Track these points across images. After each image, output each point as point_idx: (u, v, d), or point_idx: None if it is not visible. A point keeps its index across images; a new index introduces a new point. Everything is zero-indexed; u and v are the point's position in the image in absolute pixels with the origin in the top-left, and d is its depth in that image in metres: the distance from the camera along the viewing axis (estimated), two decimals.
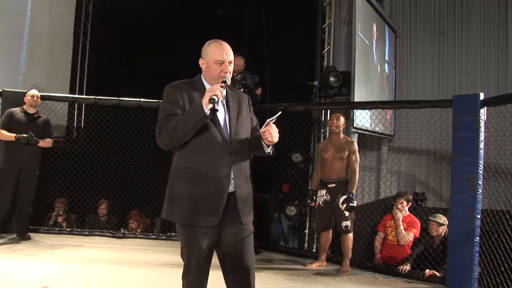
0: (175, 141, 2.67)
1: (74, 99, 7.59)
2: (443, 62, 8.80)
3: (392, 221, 6.09)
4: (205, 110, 2.56)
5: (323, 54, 7.50)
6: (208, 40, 2.80)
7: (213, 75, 2.74)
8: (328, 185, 5.43)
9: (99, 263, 5.22)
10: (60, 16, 8.33)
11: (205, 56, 2.77)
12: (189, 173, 2.69)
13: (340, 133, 5.49)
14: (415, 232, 5.88)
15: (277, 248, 6.44)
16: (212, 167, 2.67)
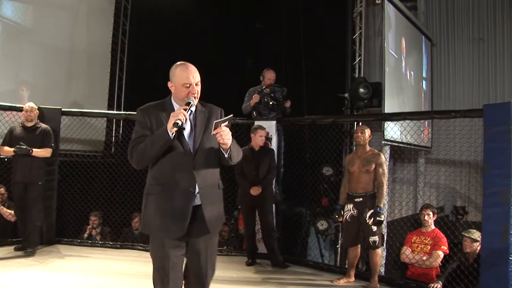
0: (145, 162, 2.91)
1: (126, 116, 7.44)
2: (483, 70, 8.48)
3: (417, 237, 5.88)
4: (169, 134, 2.78)
5: (354, 65, 7.37)
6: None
7: (181, 97, 2.93)
8: (355, 200, 5.28)
9: (124, 275, 5.26)
10: (98, 34, 8.60)
11: (173, 79, 2.95)
12: (157, 189, 2.92)
13: (366, 145, 5.33)
14: (445, 249, 5.65)
15: (307, 263, 6.29)
16: (177, 183, 2.87)
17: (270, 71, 6.76)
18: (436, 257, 5.63)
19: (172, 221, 2.86)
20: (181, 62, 2.99)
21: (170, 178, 2.89)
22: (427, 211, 5.90)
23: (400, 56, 7.59)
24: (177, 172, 2.89)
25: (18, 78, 7.78)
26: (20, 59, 7.85)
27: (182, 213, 2.86)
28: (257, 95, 6.55)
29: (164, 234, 2.88)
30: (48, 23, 8.09)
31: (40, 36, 8.02)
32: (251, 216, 6.15)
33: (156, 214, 2.90)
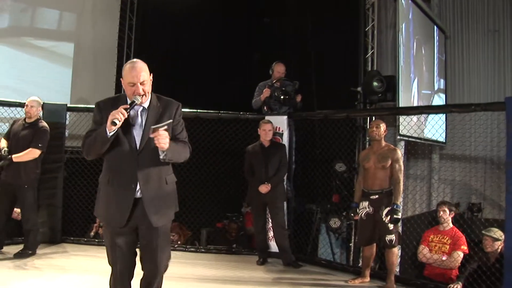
0: (91, 156, 3.06)
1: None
2: (499, 63, 8.22)
3: (434, 236, 5.69)
4: (108, 133, 2.88)
5: (367, 58, 7.17)
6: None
7: (129, 95, 3.03)
8: (371, 197, 5.08)
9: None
10: (104, 29, 8.47)
11: (123, 76, 3.04)
12: (105, 181, 3.13)
13: (382, 140, 5.13)
14: (465, 248, 5.44)
15: (320, 262, 6.10)
16: (121, 178, 3.05)
17: (279, 64, 6.58)
18: (456, 258, 5.42)
19: (113, 213, 3.06)
20: (131, 60, 3.10)
21: (115, 172, 3.07)
22: (443, 207, 5.70)
23: (414, 49, 7.38)
24: (121, 168, 3.05)
25: (23, 74, 7.63)
26: (25, 55, 7.69)
27: (122, 208, 3.04)
28: (267, 89, 6.37)
29: (106, 223, 3.18)
30: (52, 18, 7.96)
31: (45, 32, 7.89)
32: (261, 214, 5.98)
33: (102, 204, 3.15)
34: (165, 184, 3.18)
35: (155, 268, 3.22)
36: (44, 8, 7.92)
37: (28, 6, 7.70)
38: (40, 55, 7.79)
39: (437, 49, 8.38)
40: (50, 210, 6.42)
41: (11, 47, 7.49)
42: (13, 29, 7.55)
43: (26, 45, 7.70)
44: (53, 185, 6.44)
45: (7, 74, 7.34)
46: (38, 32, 7.85)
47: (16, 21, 7.59)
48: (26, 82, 7.49)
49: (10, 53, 7.47)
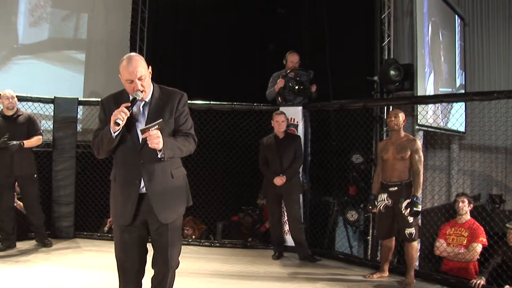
0: (102, 155, 3.02)
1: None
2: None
3: (451, 229, 5.51)
4: (112, 133, 2.84)
5: (383, 46, 6.98)
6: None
7: (129, 92, 2.96)
8: (390, 189, 4.91)
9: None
10: (116, 22, 8.40)
11: (121, 72, 2.94)
12: (112, 178, 3.11)
13: (401, 131, 4.95)
14: (484, 240, 5.26)
15: (337, 256, 5.97)
16: (125, 174, 2.99)
17: (293, 54, 6.42)
18: (474, 250, 5.25)
19: (120, 210, 3.02)
20: (127, 55, 2.99)
21: (119, 169, 3.04)
22: (461, 198, 5.52)
23: (432, 36, 7.16)
24: (126, 164, 3.00)
25: (35, 69, 7.59)
26: (37, 50, 7.67)
27: (127, 204, 2.98)
28: (281, 80, 6.22)
29: (115, 220, 3.14)
30: (64, 12, 7.90)
31: (56, 26, 7.84)
32: (277, 208, 5.86)
33: (111, 201, 3.12)
34: (171, 178, 3.06)
35: (166, 265, 3.11)
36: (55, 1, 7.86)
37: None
38: (52, 48, 7.77)
39: (458, 36, 8.14)
40: (63, 206, 6.37)
41: (23, 41, 7.50)
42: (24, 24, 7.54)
43: (38, 39, 7.69)
44: (65, 180, 6.40)
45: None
46: (49, 26, 7.81)
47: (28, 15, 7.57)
48: (36, 77, 7.44)
49: (22, 47, 7.48)
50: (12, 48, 7.46)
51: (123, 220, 3.00)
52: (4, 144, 5.44)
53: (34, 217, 5.84)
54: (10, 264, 5.06)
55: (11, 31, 7.44)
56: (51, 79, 7.52)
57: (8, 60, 7.43)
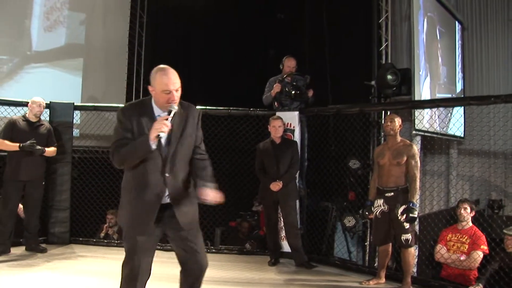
0: (126, 165, 3.01)
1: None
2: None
3: (452, 235, 5.46)
4: (152, 145, 2.85)
5: (380, 51, 6.95)
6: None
7: (161, 103, 2.95)
8: (386, 194, 4.87)
9: None
10: (114, 27, 8.38)
11: (153, 83, 2.95)
12: (129, 188, 3.05)
13: (397, 136, 4.91)
14: (485, 248, 5.19)
15: (334, 262, 5.92)
16: (149, 186, 2.98)
17: (290, 59, 6.38)
18: (476, 258, 5.17)
19: (139, 221, 3.00)
20: (161, 66, 3.00)
21: (143, 180, 2.99)
22: (464, 205, 5.45)
23: (430, 40, 7.14)
24: (150, 176, 2.98)
25: (33, 75, 7.58)
26: (34, 56, 7.68)
27: (148, 215, 2.99)
28: (278, 84, 6.18)
29: (132, 230, 3.04)
30: (62, 16, 7.90)
31: (55, 30, 7.82)
32: (273, 213, 5.81)
33: (126, 212, 3.07)
34: (190, 188, 3.15)
35: (201, 267, 3.21)
36: (54, 7, 7.86)
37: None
38: (49, 54, 7.76)
39: (457, 40, 8.12)
40: (58, 211, 6.35)
41: (22, 47, 7.51)
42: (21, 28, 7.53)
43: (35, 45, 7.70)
44: (61, 185, 6.38)
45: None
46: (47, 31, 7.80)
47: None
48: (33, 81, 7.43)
49: (20, 53, 7.49)
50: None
51: (142, 228, 3.01)
52: (31, 147, 5.60)
53: (31, 224, 5.85)
54: (6, 270, 5.01)
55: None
56: (48, 84, 7.50)
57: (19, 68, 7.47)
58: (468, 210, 5.42)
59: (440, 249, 5.49)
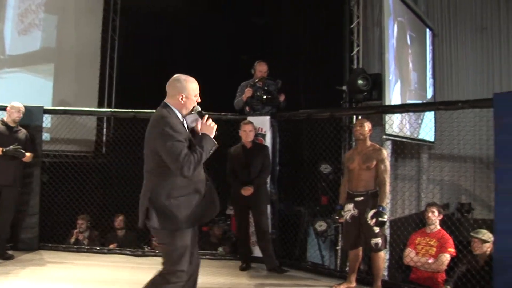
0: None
1: (112, 114, 7.36)
2: (487, 61, 8.17)
3: (421, 238, 5.52)
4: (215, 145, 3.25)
5: (352, 56, 7.01)
6: (185, 76, 3.34)
7: (189, 106, 3.27)
8: (356, 199, 4.90)
9: (107, 283, 4.91)
10: (86, 30, 8.30)
11: (186, 91, 3.25)
12: (185, 192, 3.23)
13: (367, 140, 4.94)
14: (452, 251, 5.27)
15: (305, 267, 5.91)
16: (201, 188, 3.30)
17: (261, 64, 6.39)
18: (443, 261, 5.23)
19: (196, 217, 3.28)
20: (182, 76, 3.31)
21: (198, 180, 3.27)
22: (432, 208, 5.52)
23: (401, 46, 7.23)
24: (199, 177, 3.30)
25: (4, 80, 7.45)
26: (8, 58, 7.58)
27: (202, 212, 3.33)
28: (249, 89, 6.18)
29: (188, 225, 3.24)
30: (34, 19, 7.78)
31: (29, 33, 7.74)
32: (244, 218, 5.79)
33: (186, 212, 3.21)
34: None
35: (198, 263, 3.56)
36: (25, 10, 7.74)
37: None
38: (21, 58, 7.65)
39: (429, 48, 8.25)
40: (27, 216, 6.23)
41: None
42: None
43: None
44: (29, 190, 6.23)
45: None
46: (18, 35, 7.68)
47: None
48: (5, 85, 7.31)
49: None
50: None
51: (200, 220, 3.40)
52: (15, 153, 5.61)
53: (4, 230, 5.74)
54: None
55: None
56: (20, 88, 7.38)
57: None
58: (436, 213, 5.49)
59: (409, 253, 5.54)
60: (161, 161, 3.14)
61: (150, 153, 3.22)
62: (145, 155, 3.30)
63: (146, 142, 3.26)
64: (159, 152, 3.13)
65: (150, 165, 3.26)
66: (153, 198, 3.20)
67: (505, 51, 8.05)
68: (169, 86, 3.30)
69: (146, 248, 6.61)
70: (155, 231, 3.27)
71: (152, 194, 3.20)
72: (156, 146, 3.14)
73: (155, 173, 3.23)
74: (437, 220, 5.49)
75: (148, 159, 3.27)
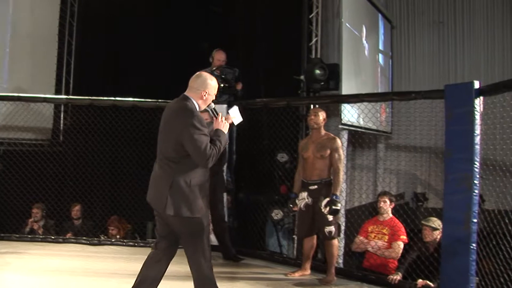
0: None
1: (68, 101, 7.22)
2: (443, 53, 8.39)
3: (374, 226, 5.62)
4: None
5: (310, 46, 7.05)
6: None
7: (208, 102, 3.46)
8: (310, 187, 4.94)
9: (61, 273, 4.81)
10: (43, 16, 8.07)
11: (210, 89, 3.42)
12: (199, 182, 3.37)
13: (321, 129, 4.98)
14: (404, 238, 5.37)
15: (261, 255, 5.95)
16: (205, 175, 3.45)
17: (219, 52, 6.36)
18: (396, 248, 5.34)
19: (203, 203, 3.40)
20: (206, 73, 3.52)
21: (199, 171, 3.37)
22: (383, 198, 5.61)
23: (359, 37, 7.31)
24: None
25: None
26: None
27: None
28: None
29: (202, 212, 3.37)
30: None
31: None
32: None
33: (202, 200, 3.37)
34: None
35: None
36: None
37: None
38: None
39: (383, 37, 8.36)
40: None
41: None
42: None
43: None
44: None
45: None
46: None
47: None
48: None
49: None
50: None
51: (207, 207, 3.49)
52: None
53: None
54: None
55: None
56: None
57: None
58: (388, 202, 5.57)
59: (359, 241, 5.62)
60: (183, 151, 3.26)
61: (173, 141, 3.29)
62: (163, 142, 3.42)
63: (168, 131, 3.39)
64: (183, 142, 3.23)
65: (170, 153, 3.32)
66: (174, 185, 3.29)
67: (460, 45, 8.27)
68: (194, 81, 3.44)
69: (102, 237, 6.54)
70: (175, 219, 3.34)
71: (174, 181, 3.29)
72: (182, 136, 3.23)
73: (176, 161, 3.31)
74: (389, 209, 5.59)
75: (167, 146, 3.35)
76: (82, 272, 4.91)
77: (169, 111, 3.49)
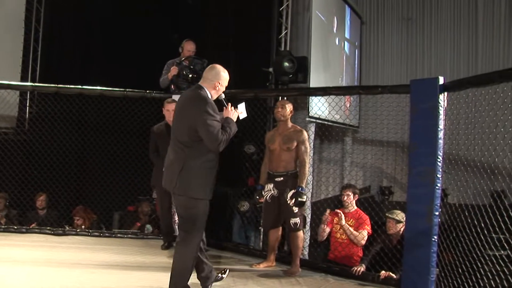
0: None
1: (34, 88, 7.08)
2: (411, 49, 8.53)
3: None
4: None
5: (280, 38, 7.06)
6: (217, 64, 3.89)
7: (220, 92, 3.81)
8: (276, 179, 4.97)
9: (23, 263, 4.71)
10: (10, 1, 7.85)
11: (222, 80, 3.80)
12: (211, 166, 3.68)
13: (288, 121, 5.01)
14: (368, 229, 5.46)
15: (227, 246, 5.97)
16: (216, 159, 3.71)
17: (189, 42, 6.33)
18: (361, 236, 5.43)
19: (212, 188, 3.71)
20: (219, 66, 3.83)
21: (211, 154, 3.64)
22: (347, 191, 5.67)
23: (330, 30, 7.35)
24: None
25: None
26: None
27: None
28: (175, 67, 6.11)
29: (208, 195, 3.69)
30: None
31: None
32: (166, 197, 5.69)
33: (210, 182, 3.68)
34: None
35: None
36: None
37: None
38: None
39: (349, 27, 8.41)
40: None
41: None
42: None
43: None
44: None
45: None
46: None
47: None
48: None
49: None
50: None
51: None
52: None
53: None
54: None
55: None
56: None
57: None
58: (351, 196, 5.64)
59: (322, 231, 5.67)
60: (196, 136, 3.53)
61: (187, 127, 3.56)
62: (177, 127, 3.69)
63: (182, 117, 3.64)
64: (197, 127, 3.50)
65: (184, 138, 3.60)
66: (186, 167, 3.57)
67: (428, 41, 8.40)
68: (208, 73, 3.77)
69: (67, 227, 6.45)
70: (183, 198, 3.66)
71: (185, 164, 3.58)
72: (196, 122, 3.50)
73: (188, 145, 3.59)
74: (353, 202, 5.66)
75: (181, 131, 3.63)
76: (45, 262, 4.83)
77: (184, 99, 3.78)
